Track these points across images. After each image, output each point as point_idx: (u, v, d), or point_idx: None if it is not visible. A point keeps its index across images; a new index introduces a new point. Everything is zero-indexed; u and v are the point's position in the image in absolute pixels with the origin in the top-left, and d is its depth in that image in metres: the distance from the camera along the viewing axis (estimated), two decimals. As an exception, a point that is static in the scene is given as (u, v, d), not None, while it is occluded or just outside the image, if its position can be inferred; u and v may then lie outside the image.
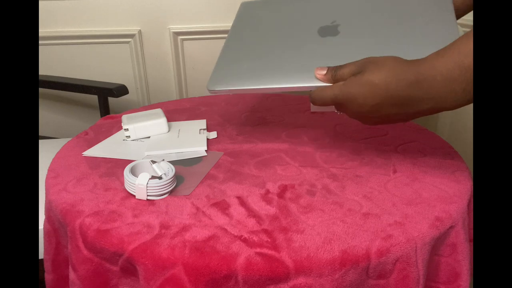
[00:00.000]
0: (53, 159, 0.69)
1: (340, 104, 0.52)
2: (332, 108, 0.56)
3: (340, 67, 0.52)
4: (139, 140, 0.75)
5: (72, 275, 0.53)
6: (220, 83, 0.59)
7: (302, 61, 0.56)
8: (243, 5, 0.74)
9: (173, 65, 1.34)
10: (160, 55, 1.33)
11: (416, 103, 0.48)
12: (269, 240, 0.48)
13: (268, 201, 0.55)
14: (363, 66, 0.50)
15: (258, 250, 0.46)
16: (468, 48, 0.45)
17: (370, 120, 0.52)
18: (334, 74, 0.52)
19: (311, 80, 0.53)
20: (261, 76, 0.57)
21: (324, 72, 0.53)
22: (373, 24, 0.59)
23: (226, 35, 1.37)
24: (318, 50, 0.57)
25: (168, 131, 0.77)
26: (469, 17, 1.20)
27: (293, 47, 0.59)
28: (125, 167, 0.58)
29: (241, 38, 0.66)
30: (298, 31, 0.61)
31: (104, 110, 1.17)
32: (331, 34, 0.59)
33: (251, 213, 0.53)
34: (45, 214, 0.62)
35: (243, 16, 0.71)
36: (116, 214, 0.53)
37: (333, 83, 0.52)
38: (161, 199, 0.56)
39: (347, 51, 0.55)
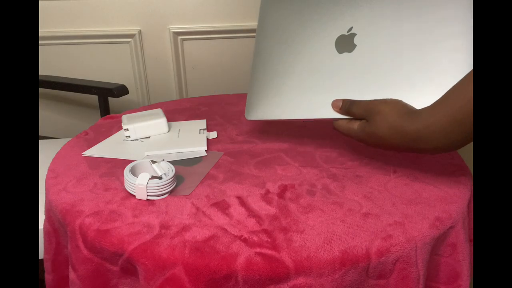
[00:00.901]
0: (53, 159, 0.69)
1: (362, 140, 0.58)
2: None
3: (352, 104, 0.58)
4: (139, 140, 0.75)
5: (72, 275, 0.53)
6: (257, 114, 0.68)
7: (322, 91, 0.63)
8: (264, 7, 0.76)
9: (173, 65, 1.34)
10: (160, 55, 1.33)
11: (422, 149, 0.52)
12: (269, 240, 0.48)
13: (268, 201, 0.55)
14: (369, 115, 0.55)
15: (258, 250, 0.46)
16: (458, 103, 0.48)
17: (388, 149, 0.57)
18: (347, 109, 0.59)
19: (331, 113, 0.61)
20: (290, 108, 0.65)
21: (340, 105, 0.60)
22: (388, 39, 0.60)
23: (226, 35, 1.37)
24: (336, 73, 0.62)
25: (168, 131, 0.77)
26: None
27: (314, 71, 0.64)
28: (125, 167, 0.58)
29: (267, 56, 0.71)
30: (318, 45, 0.65)
31: (104, 110, 1.17)
32: (348, 49, 0.62)
33: (251, 213, 0.53)
34: (45, 214, 0.62)
35: (266, 16, 0.74)
36: (116, 214, 0.53)
37: (347, 115, 0.59)
38: (161, 199, 0.56)
39: (361, 75, 0.60)
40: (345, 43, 0.62)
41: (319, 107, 0.62)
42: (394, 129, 0.53)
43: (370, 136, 0.55)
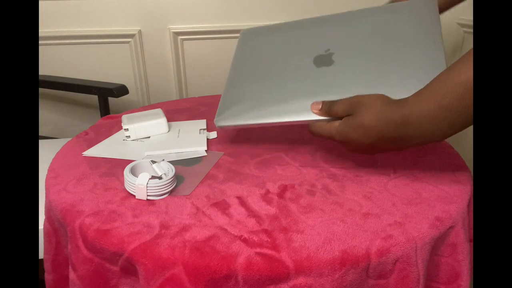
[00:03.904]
0: (53, 159, 0.69)
1: (340, 142, 0.56)
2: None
3: (333, 103, 0.56)
4: (139, 140, 0.75)
5: (72, 275, 0.53)
6: (226, 120, 0.64)
7: (300, 96, 0.61)
8: (242, 34, 0.78)
9: (173, 65, 1.34)
10: (160, 55, 1.33)
11: (407, 140, 0.51)
12: (269, 240, 0.48)
13: (268, 201, 0.55)
14: (353, 108, 0.54)
15: (258, 250, 0.46)
16: (444, 89, 0.48)
17: (368, 152, 0.56)
18: (328, 110, 0.57)
19: (310, 115, 0.58)
20: (263, 112, 0.62)
21: (319, 107, 0.58)
22: (364, 52, 0.63)
23: (226, 35, 1.38)
24: (315, 82, 0.61)
25: (168, 131, 0.77)
26: (468, 17, 1.20)
27: (291, 80, 0.63)
28: (125, 167, 0.58)
29: (242, 72, 0.71)
30: (296, 61, 0.66)
31: (104, 110, 1.17)
32: (326, 64, 0.63)
33: (251, 213, 0.53)
34: (45, 214, 0.62)
35: (243, 45, 0.76)
36: (116, 214, 0.53)
37: (328, 116, 0.57)
38: (161, 199, 0.56)
39: (341, 82, 0.59)
40: (323, 60, 0.64)
41: (296, 111, 0.60)
42: (380, 116, 0.51)
43: (355, 128, 0.53)
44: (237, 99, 0.66)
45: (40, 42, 1.30)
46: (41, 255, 0.81)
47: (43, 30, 1.29)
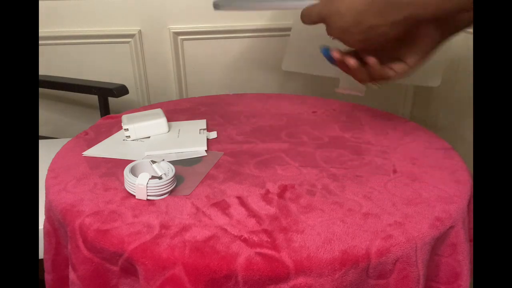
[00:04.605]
0: (53, 159, 0.69)
1: (325, 20, 0.53)
2: (357, 90, 0.58)
3: None
4: (139, 140, 0.75)
5: (72, 275, 0.53)
6: (223, 3, 0.63)
7: None
8: None
9: (173, 65, 1.34)
10: (160, 55, 1.33)
11: (396, 8, 0.48)
12: (269, 240, 0.48)
13: (268, 201, 0.55)
14: None
15: (258, 250, 0.46)
16: None
17: (354, 35, 0.52)
18: None
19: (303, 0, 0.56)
20: None
21: None
22: None
23: (226, 35, 1.37)
24: None
25: (168, 131, 0.77)
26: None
27: None
28: (125, 167, 0.58)
29: None
30: None
31: (104, 110, 1.17)
32: None
33: (251, 213, 0.53)
34: (45, 214, 0.62)
35: None
36: (116, 214, 0.53)
37: None
38: (161, 199, 0.56)
39: None
40: None
41: None
42: None
43: (340, 1, 0.51)
44: None
45: (40, 42, 1.30)
46: (41, 255, 0.81)
47: (43, 30, 1.28)
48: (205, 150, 0.70)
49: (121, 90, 1.14)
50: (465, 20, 0.53)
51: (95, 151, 0.71)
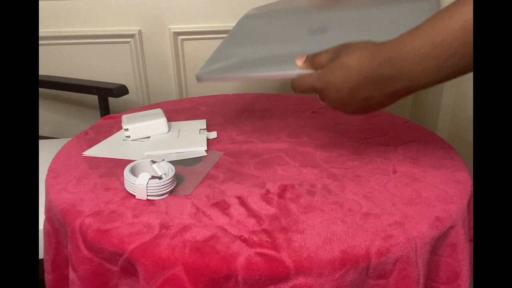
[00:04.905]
0: (53, 159, 0.69)
1: (320, 92, 0.53)
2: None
3: (318, 53, 0.53)
4: (139, 140, 0.75)
5: (72, 275, 0.53)
6: (207, 73, 0.62)
7: (287, 54, 0.59)
8: (243, 17, 0.79)
9: (173, 65, 1.34)
10: (160, 55, 1.33)
11: (391, 82, 0.48)
12: (269, 240, 0.48)
13: (268, 201, 0.55)
14: (338, 51, 0.51)
15: (258, 250, 0.46)
16: (440, 24, 0.45)
17: (350, 106, 0.52)
18: (312, 61, 0.53)
19: (292, 68, 0.55)
20: (246, 66, 0.60)
21: (304, 59, 0.54)
22: (358, 25, 0.61)
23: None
24: (306, 45, 0.59)
25: (168, 131, 0.77)
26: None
27: (282, 43, 0.62)
28: (125, 167, 0.58)
29: (235, 39, 0.70)
30: (289, 31, 0.65)
31: (104, 110, 1.17)
32: (320, 33, 0.62)
33: (251, 213, 0.53)
34: (45, 214, 0.62)
35: (241, 23, 0.76)
36: (116, 214, 0.53)
37: (312, 68, 0.53)
38: (161, 199, 0.56)
39: (332, 44, 0.56)
40: (317, 30, 0.62)
41: (280, 64, 0.57)
42: (365, 54, 0.48)
43: (337, 69, 0.50)
44: (223, 58, 0.65)
45: (40, 42, 1.30)
46: (41, 255, 0.81)
47: (43, 30, 1.28)
48: (205, 150, 0.70)
49: (121, 90, 1.14)
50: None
51: (95, 151, 0.71)
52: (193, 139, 0.73)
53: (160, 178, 0.57)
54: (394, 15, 0.62)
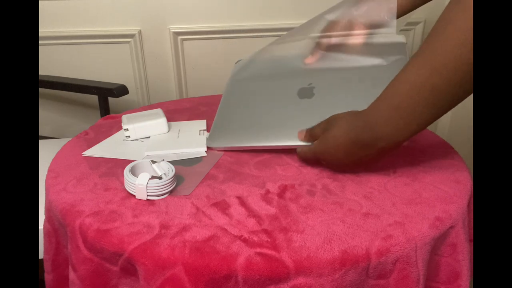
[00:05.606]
0: (53, 159, 0.69)
1: (320, 159, 0.61)
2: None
3: (313, 127, 0.62)
4: (139, 140, 0.75)
5: (72, 275, 0.53)
6: (217, 142, 0.71)
7: (285, 123, 0.68)
8: (233, 80, 0.84)
9: (173, 65, 1.34)
10: (160, 55, 1.34)
11: (373, 143, 0.55)
12: (269, 240, 0.48)
13: (268, 201, 0.55)
14: (329, 124, 0.59)
15: (258, 250, 0.46)
16: (393, 89, 0.53)
17: (348, 166, 0.60)
18: (310, 134, 0.62)
19: (295, 140, 0.65)
20: (253, 136, 0.69)
21: (304, 134, 0.63)
22: (343, 87, 0.70)
23: (226, 35, 1.37)
24: (298, 112, 0.69)
25: (168, 131, 0.77)
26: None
27: (277, 109, 0.71)
28: (125, 167, 0.58)
29: (233, 100, 0.78)
30: (281, 93, 0.74)
31: (104, 110, 1.17)
32: (308, 96, 0.71)
33: (251, 213, 0.53)
34: (45, 214, 0.62)
35: (231, 87, 0.82)
36: (116, 214, 0.53)
37: (312, 141, 0.62)
38: (161, 199, 0.56)
39: (321, 111, 0.65)
40: (306, 93, 0.71)
41: (283, 136, 0.66)
42: (349, 124, 0.56)
43: (329, 141, 0.58)
44: (226, 124, 0.73)
45: (40, 42, 1.30)
46: (41, 255, 0.81)
47: (43, 30, 1.29)
48: (205, 151, 0.70)
49: (121, 90, 1.15)
50: None
51: (95, 151, 0.71)
52: (193, 139, 0.73)
53: (160, 178, 0.57)
54: (373, 74, 0.70)
